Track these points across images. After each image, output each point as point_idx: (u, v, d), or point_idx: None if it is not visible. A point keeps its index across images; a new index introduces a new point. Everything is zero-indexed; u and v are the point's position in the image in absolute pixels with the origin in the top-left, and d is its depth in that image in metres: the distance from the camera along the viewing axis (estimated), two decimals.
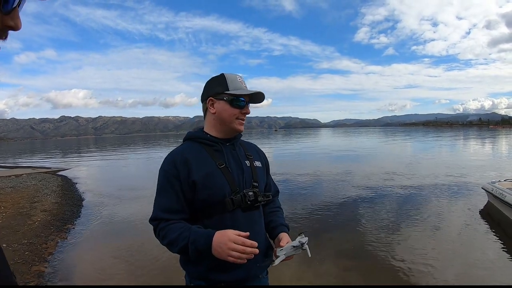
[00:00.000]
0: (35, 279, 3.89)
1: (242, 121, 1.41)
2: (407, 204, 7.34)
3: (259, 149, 1.63)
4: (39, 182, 11.46)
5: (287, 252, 1.29)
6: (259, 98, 1.44)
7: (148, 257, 4.73)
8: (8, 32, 0.49)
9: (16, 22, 0.48)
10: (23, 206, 7.45)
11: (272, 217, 1.51)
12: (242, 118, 1.40)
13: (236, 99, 1.36)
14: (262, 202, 1.39)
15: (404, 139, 43.11)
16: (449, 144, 30.70)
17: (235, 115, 1.37)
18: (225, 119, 1.38)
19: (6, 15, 0.46)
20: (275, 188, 1.63)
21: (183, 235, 1.21)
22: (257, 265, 1.34)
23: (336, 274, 4.09)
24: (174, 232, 1.24)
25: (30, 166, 19.29)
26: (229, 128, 1.40)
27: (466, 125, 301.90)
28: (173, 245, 1.24)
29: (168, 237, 1.25)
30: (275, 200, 1.63)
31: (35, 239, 5.24)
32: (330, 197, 8.36)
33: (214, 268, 1.27)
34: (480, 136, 46.12)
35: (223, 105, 1.37)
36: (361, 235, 5.44)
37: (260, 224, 1.43)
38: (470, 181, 9.75)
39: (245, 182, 1.37)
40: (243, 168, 1.40)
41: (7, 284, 0.54)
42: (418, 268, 4.16)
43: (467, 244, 5.04)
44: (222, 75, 1.40)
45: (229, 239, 1.13)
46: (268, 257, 1.44)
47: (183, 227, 1.24)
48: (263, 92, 1.41)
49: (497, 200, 6.27)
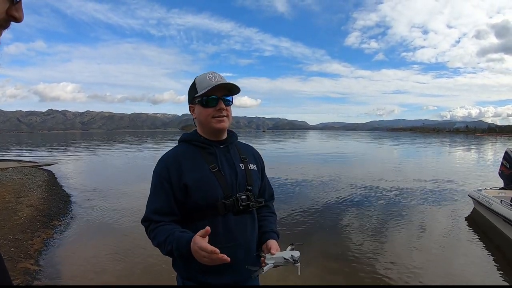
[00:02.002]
0: (22, 276, 3.82)
1: (219, 119, 1.37)
2: (393, 209, 7.46)
3: (256, 151, 1.63)
4: (25, 176, 11.23)
5: (276, 261, 1.26)
6: (233, 88, 1.41)
7: (136, 254, 4.71)
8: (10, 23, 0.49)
9: (20, 14, 0.49)
10: (9, 201, 7.31)
11: (263, 222, 1.51)
12: (219, 115, 1.37)
13: (205, 98, 1.36)
14: (254, 207, 1.39)
15: (391, 144, 43.66)
16: (435, 150, 31.26)
17: (210, 114, 1.37)
18: (203, 121, 1.40)
19: (14, 5, 0.47)
20: (270, 191, 1.64)
21: (169, 239, 1.22)
22: (246, 267, 1.34)
23: (321, 276, 4.14)
24: (162, 235, 1.25)
25: (16, 159, 18.89)
26: (211, 129, 1.40)
27: (453, 132, 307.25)
28: (161, 247, 1.26)
29: (157, 239, 1.27)
30: (269, 205, 1.63)
31: (21, 235, 5.16)
32: (316, 200, 8.43)
33: (204, 271, 1.28)
34: (467, 143, 47.06)
35: (198, 108, 1.39)
36: (347, 238, 5.52)
37: (253, 228, 1.43)
38: (456, 188, 9.97)
39: (239, 186, 1.37)
40: (237, 171, 1.39)
41: (5, 285, 0.55)
42: (403, 271, 4.25)
43: (452, 250, 5.17)
44: (194, 80, 1.42)
45: (199, 248, 1.11)
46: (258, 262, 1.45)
47: (170, 231, 1.25)
48: (233, 83, 1.38)
49: (483, 208, 6.38)
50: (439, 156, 24.12)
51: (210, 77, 1.37)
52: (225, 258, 1.10)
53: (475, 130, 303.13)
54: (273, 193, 1.66)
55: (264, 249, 1.38)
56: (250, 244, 1.39)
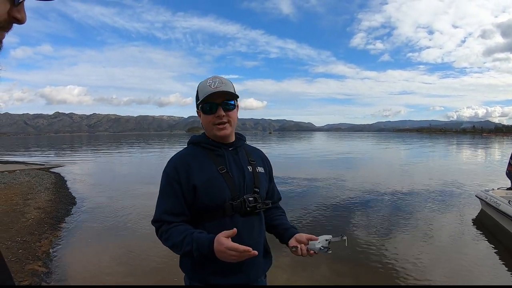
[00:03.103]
0: (29, 278, 3.85)
1: (219, 127, 1.37)
2: (401, 210, 7.42)
3: (264, 155, 1.63)
4: (33, 178, 11.36)
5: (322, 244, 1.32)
6: (230, 95, 1.38)
7: (144, 255, 4.73)
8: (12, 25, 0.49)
9: (22, 15, 0.48)
10: (17, 203, 7.39)
11: (279, 220, 1.54)
12: (219, 122, 1.36)
13: (205, 105, 1.37)
14: (261, 209, 1.40)
15: (398, 145, 43.41)
16: (442, 151, 30.99)
17: (210, 121, 1.37)
18: (206, 128, 1.42)
19: (15, 6, 0.47)
20: (278, 196, 1.65)
21: (187, 240, 1.23)
22: (256, 268, 1.37)
23: (331, 279, 4.12)
24: (178, 236, 1.25)
25: (23, 162, 19.10)
26: (213, 136, 1.41)
27: (459, 132, 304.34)
28: (177, 248, 1.26)
29: (172, 240, 1.27)
30: (278, 206, 1.65)
31: (28, 237, 5.21)
32: (323, 201, 8.40)
33: (214, 273, 1.30)
34: (474, 143, 46.60)
35: (201, 114, 1.41)
36: (355, 240, 5.48)
37: (260, 230, 1.43)
38: (464, 189, 9.87)
39: (246, 187, 1.38)
40: (245, 173, 1.40)
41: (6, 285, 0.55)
42: (410, 274, 4.21)
43: (460, 251, 5.12)
44: (198, 86, 1.44)
45: (226, 248, 1.14)
46: (268, 260, 1.48)
47: (186, 231, 1.26)
48: (224, 90, 1.34)
49: (491, 209, 6.31)
50: (446, 157, 23.91)
51: (210, 83, 1.37)
52: (255, 252, 1.15)
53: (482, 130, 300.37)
54: (280, 197, 1.68)
55: (293, 243, 1.39)
56: (257, 245, 1.39)
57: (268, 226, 1.53)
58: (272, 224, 1.53)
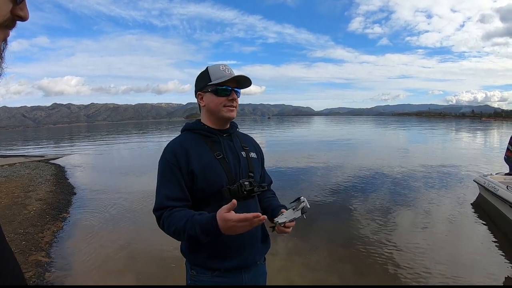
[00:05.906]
0: (33, 268, 3.92)
1: (230, 108, 1.44)
2: (399, 195, 7.49)
3: (255, 142, 1.69)
4: (33, 171, 11.40)
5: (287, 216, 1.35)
6: (245, 81, 1.47)
7: (146, 246, 4.80)
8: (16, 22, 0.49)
9: (25, 13, 0.49)
10: (18, 196, 7.44)
11: (270, 201, 1.58)
12: (230, 105, 1.43)
13: (219, 88, 1.41)
14: (258, 192, 1.44)
15: (397, 128, 43.38)
16: (441, 135, 30.99)
17: (222, 103, 1.42)
18: (214, 109, 1.44)
19: (18, 5, 0.48)
20: (269, 180, 1.71)
21: (189, 225, 1.21)
22: (254, 253, 1.42)
23: (328, 263, 4.20)
24: (180, 220, 1.24)
25: (23, 155, 19.11)
26: (220, 117, 1.45)
27: (458, 116, 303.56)
28: (180, 234, 1.25)
29: (174, 225, 1.25)
30: (270, 189, 1.70)
31: (31, 229, 5.27)
32: (322, 186, 8.47)
33: (213, 256, 1.34)
34: (472, 128, 46.59)
35: (209, 96, 1.43)
36: (353, 224, 5.56)
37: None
38: (462, 173, 9.93)
39: (242, 172, 1.43)
40: (240, 158, 1.46)
41: (19, 284, 0.55)
42: (409, 258, 4.29)
43: (458, 236, 5.20)
44: (206, 69, 1.47)
45: (236, 222, 1.12)
46: (266, 244, 1.53)
47: (187, 215, 1.25)
48: (247, 76, 1.43)
49: (489, 193, 6.36)
50: (444, 141, 23.92)
51: (223, 68, 1.44)
52: (264, 216, 1.14)
53: (481, 114, 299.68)
54: (271, 181, 1.73)
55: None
56: (254, 229, 1.42)
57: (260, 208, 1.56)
58: (263, 206, 1.56)
